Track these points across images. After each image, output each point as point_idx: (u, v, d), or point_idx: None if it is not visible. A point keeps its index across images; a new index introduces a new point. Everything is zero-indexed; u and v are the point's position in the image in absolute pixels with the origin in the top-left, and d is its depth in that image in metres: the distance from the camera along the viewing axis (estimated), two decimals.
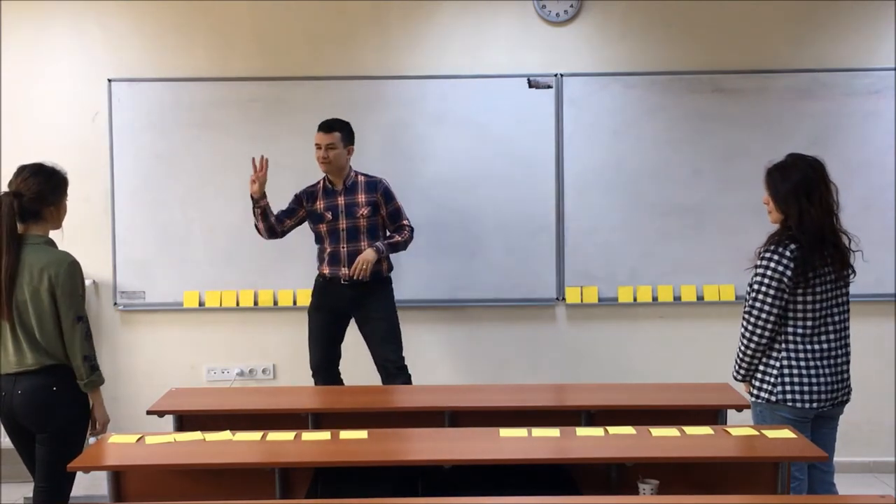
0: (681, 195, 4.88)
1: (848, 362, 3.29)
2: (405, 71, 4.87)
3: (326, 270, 4.41)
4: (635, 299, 4.89)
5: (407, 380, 4.30)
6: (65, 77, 4.89)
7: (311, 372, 4.46)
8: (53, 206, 3.31)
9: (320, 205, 4.42)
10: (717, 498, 2.70)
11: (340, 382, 4.46)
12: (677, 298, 4.89)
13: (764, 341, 3.21)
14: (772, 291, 3.17)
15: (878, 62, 4.84)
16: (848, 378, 3.30)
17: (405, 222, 4.45)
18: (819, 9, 4.84)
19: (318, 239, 4.47)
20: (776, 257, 3.17)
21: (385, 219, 4.43)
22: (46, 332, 3.22)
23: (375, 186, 4.40)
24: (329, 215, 4.39)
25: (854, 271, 3.29)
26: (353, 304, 4.39)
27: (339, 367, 4.49)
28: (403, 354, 4.38)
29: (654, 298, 4.89)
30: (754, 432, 3.01)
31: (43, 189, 3.27)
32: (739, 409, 3.44)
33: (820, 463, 3.18)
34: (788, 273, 3.15)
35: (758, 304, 3.20)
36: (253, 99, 4.86)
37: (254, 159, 4.30)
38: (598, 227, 4.89)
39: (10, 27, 4.85)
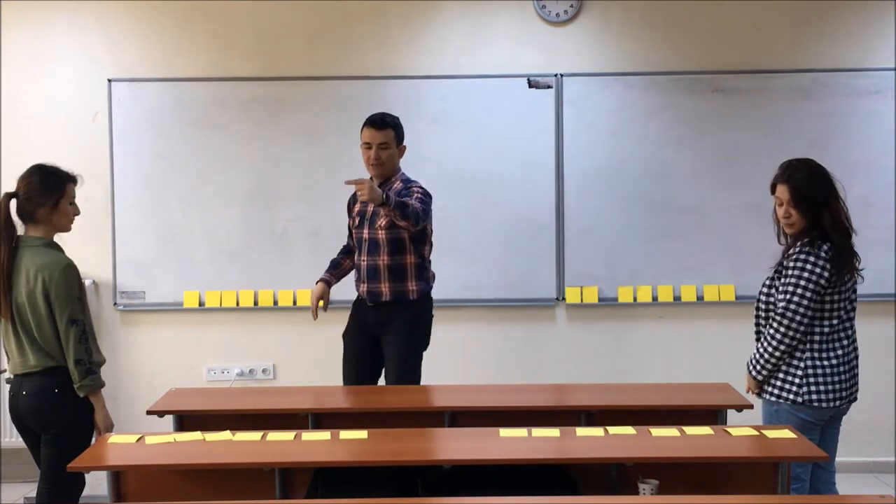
0: (681, 195, 4.87)
1: (857, 358, 3.31)
2: (405, 71, 4.87)
3: (356, 287, 4.07)
4: (635, 299, 4.89)
5: None
6: (65, 77, 4.89)
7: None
8: (45, 208, 3.26)
9: (356, 207, 4.05)
10: (717, 498, 2.70)
11: None
12: (677, 298, 4.89)
13: (795, 343, 3.19)
14: (808, 293, 3.15)
15: (878, 62, 4.84)
16: (857, 375, 3.31)
17: (413, 200, 3.79)
18: (819, 9, 4.84)
19: None
20: (812, 258, 3.16)
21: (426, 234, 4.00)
22: (44, 335, 3.24)
23: (403, 190, 3.91)
24: (357, 220, 4.04)
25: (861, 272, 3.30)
26: (378, 326, 4.00)
27: None
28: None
29: (654, 298, 4.89)
30: (754, 432, 3.00)
31: (35, 189, 3.26)
32: (739, 409, 3.43)
33: (824, 463, 3.18)
34: (826, 274, 3.15)
35: (793, 306, 3.16)
36: (253, 99, 4.86)
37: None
38: (598, 227, 4.89)
39: (10, 27, 4.85)
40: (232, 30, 4.88)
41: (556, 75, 4.85)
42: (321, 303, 4.08)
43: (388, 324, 3.96)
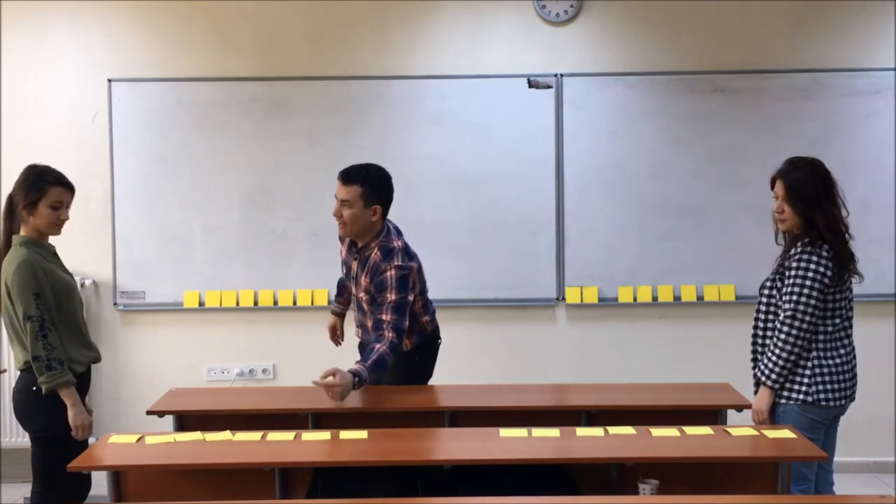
0: (681, 195, 4.88)
1: (856, 358, 3.31)
2: (405, 71, 4.87)
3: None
4: (635, 299, 4.89)
5: None
6: (65, 77, 4.89)
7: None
8: (24, 208, 3.27)
9: (343, 252, 3.81)
10: (717, 498, 2.70)
11: None
12: (677, 298, 4.89)
13: (805, 343, 3.19)
14: (815, 293, 3.15)
15: (878, 62, 4.84)
16: (857, 375, 3.31)
17: (384, 317, 3.50)
18: (819, 9, 4.84)
19: None
20: (815, 258, 3.16)
21: None
22: (16, 333, 3.28)
23: (377, 271, 3.58)
24: (344, 269, 3.84)
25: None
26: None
27: None
28: None
29: (654, 298, 4.89)
30: (754, 432, 3.01)
31: (18, 188, 3.29)
32: (739, 409, 3.43)
33: (824, 463, 3.19)
34: (829, 273, 3.15)
35: (801, 307, 3.16)
36: (253, 99, 4.86)
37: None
38: (598, 227, 4.89)
39: (10, 27, 4.85)
40: (232, 30, 4.88)
41: (556, 75, 4.85)
42: (337, 333, 4.02)
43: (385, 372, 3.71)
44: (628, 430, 3.02)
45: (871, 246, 4.46)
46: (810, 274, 3.15)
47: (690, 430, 3.01)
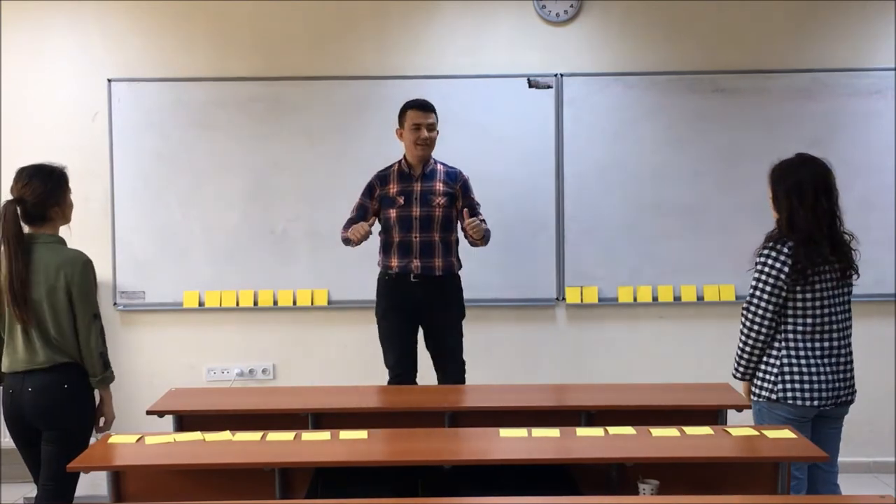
0: (681, 195, 4.88)
1: (851, 362, 3.29)
2: (405, 71, 4.87)
3: (395, 263, 4.17)
4: (635, 299, 4.89)
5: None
6: (65, 77, 4.89)
7: (388, 380, 4.23)
8: (58, 206, 3.33)
9: (393, 188, 4.22)
10: (717, 498, 2.70)
11: None
12: (677, 298, 4.89)
13: (762, 338, 3.22)
14: (768, 288, 3.19)
15: (878, 62, 4.84)
16: (852, 378, 3.30)
17: (481, 215, 4.29)
18: (819, 9, 4.85)
19: (386, 228, 4.24)
20: (773, 254, 3.20)
21: (459, 212, 4.23)
22: (62, 331, 3.25)
23: (455, 177, 4.27)
24: (401, 200, 4.18)
25: (857, 273, 3.28)
26: (423, 305, 4.19)
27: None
28: (464, 358, 4.27)
29: (654, 298, 4.89)
30: (754, 432, 3.01)
31: (44, 191, 3.29)
32: (739, 409, 3.44)
33: (823, 463, 3.17)
34: (786, 269, 3.16)
35: (755, 301, 3.22)
36: (253, 99, 4.87)
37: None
38: (598, 227, 4.89)
39: (10, 27, 4.85)
40: (232, 30, 4.88)
41: (556, 75, 4.85)
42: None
43: (440, 296, 4.20)
44: (628, 430, 3.02)
45: (871, 246, 4.44)
46: (766, 269, 3.19)
47: (690, 430, 3.01)
